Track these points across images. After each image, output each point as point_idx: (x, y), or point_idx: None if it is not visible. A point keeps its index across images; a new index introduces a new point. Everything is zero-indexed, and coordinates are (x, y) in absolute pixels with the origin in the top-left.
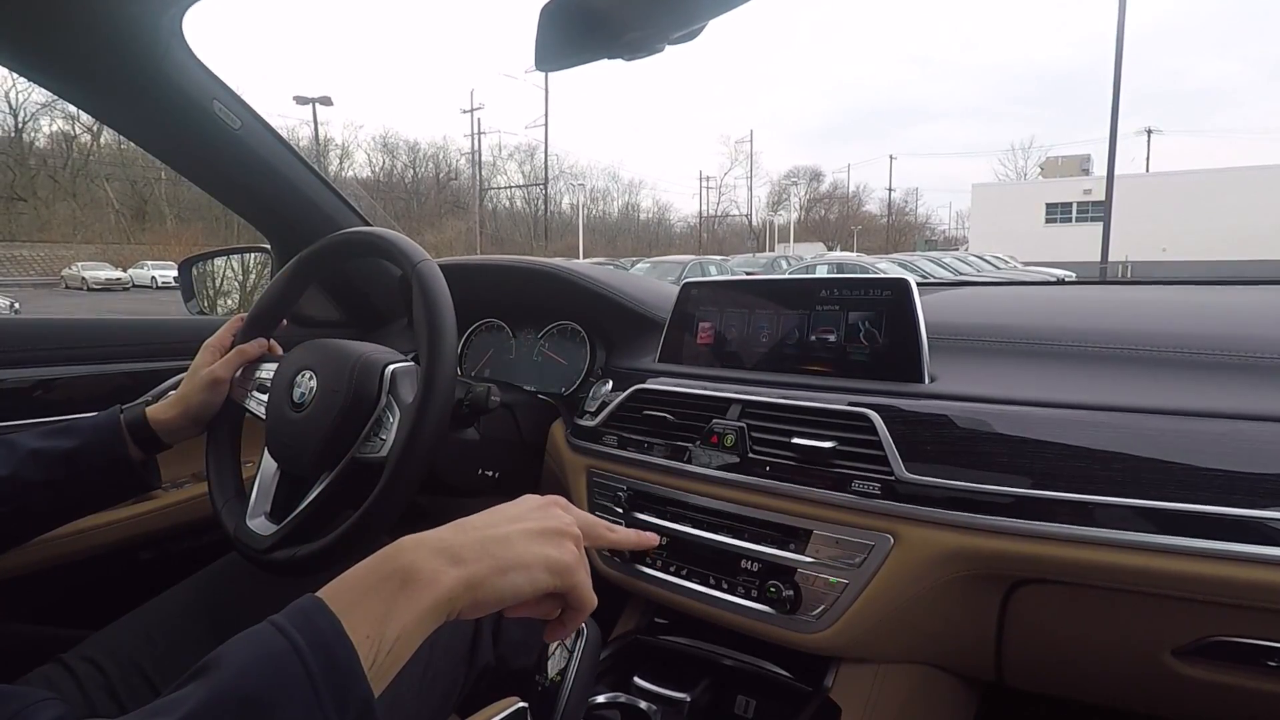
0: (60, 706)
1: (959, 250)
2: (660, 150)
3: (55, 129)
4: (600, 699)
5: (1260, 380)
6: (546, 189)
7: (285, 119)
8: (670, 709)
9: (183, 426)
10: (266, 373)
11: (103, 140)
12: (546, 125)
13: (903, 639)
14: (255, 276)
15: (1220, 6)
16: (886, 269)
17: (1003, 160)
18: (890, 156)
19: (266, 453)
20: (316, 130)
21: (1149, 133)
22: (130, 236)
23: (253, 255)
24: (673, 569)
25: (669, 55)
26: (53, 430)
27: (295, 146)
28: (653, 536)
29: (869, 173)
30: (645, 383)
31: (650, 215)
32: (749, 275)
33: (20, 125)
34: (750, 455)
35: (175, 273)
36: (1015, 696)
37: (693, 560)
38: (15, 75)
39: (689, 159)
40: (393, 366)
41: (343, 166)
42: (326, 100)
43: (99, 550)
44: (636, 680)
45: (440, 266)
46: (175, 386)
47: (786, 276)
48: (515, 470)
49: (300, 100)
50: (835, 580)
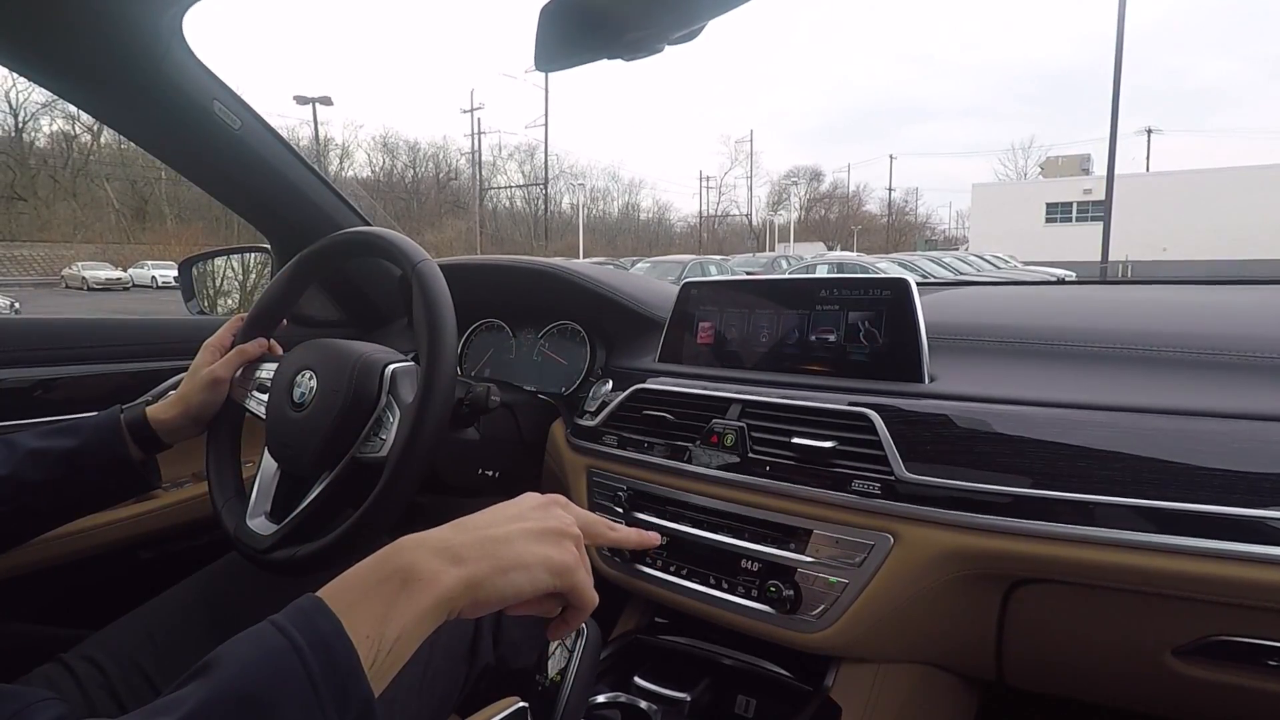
0: (60, 706)
1: (959, 250)
2: (660, 150)
3: (55, 129)
4: (600, 699)
5: (1260, 380)
6: (546, 189)
7: (285, 119)
8: (670, 709)
9: (183, 426)
10: (266, 372)
11: (103, 140)
12: (546, 125)
13: (903, 639)
14: (255, 276)
15: (1220, 6)
16: (886, 269)
17: (1003, 160)
18: (890, 156)
19: (266, 452)
20: (316, 130)
21: (1149, 132)
22: (130, 236)
23: (253, 255)
24: (673, 569)
25: (669, 55)
26: (53, 430)
27: (295, 146)
28: (654, 536)
29: (869, 172)
30: (645, 382)
31: (650, 215)
32: (749, 275)
33: (20, 125)
34: (750, 455)
35: (175, 272)
36: (1015, 696)
37: (693, 560)
38: (15, 75)
39: (689, 159)
40: (393, 366)
41: (343, 166)
42: (326, 100)
43: (99, 550)
44: (637, 680)
45: (440, 266)
46: (175, 386)
47: (786, 276)
48: (515, 470)
49: (300, 100)
50: (835, 580)
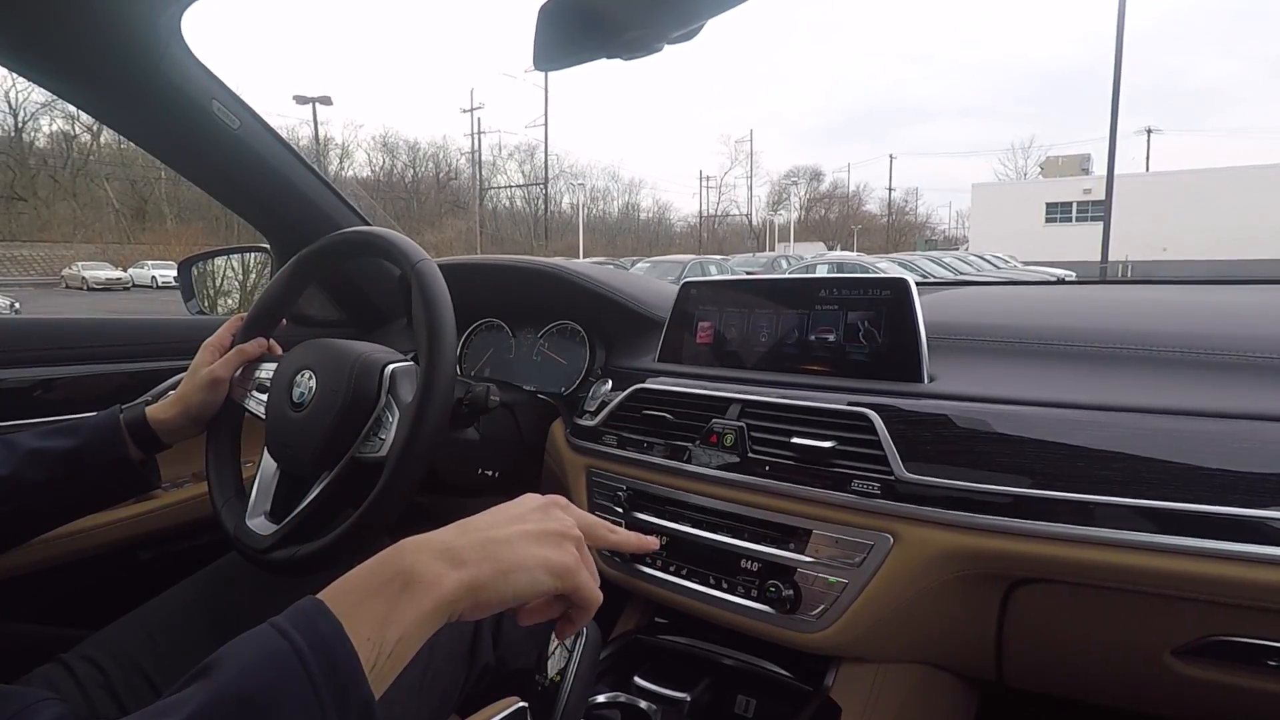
0: (60, 706)
1: (959, 250)
2: (660, 150)
3: (55, 129)
4: (600, 699)
5: (1260, 380)
6: (546, 189)
7: (285, 119)
8: (670, 709)
9: (183, 426)
10: (266, 372)
11: (103, 140)
12: (546, 125)
13: (903, 638)
14: (255, 276)
15: (1220, 5)
16: (886, 268)
17: (1003, 160)
18: (890, 156)
19: (266, 452)
20: (316, 130)
21: (1149, 132)
22: (130, 236)
23: (252, 255)
24: (673, 569)
25: (668, 55)
26: (53, 430)
27: (295, 146)
28: (653, 540)
29: (869, 172)
30: (645, 382)
31: (650, 215)
32: (749, 275)
33: (20, 125)
34: (750, 455)
35: (175, 272)
36: (1015, 696)
37: (693, 560)
38: (15, 75)
39: (689, 159)
40: (392, 366)
41: (343, 166)
42: (326, 100)
43: (99, 550)
44: (637, 680)
45: (440, 266)
46: (175, 386)
47: (786, 276)
48: (515, 470)
49: (300, 100)
50: (835, 580)
